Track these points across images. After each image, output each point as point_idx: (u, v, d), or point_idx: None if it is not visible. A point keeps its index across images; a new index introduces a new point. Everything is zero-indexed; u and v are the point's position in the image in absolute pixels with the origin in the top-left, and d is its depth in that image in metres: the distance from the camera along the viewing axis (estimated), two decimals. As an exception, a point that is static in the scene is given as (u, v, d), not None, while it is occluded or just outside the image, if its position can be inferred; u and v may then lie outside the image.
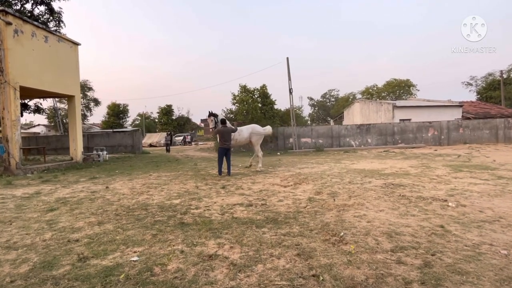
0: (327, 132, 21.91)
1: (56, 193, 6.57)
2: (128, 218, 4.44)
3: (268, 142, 21.47)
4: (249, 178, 8.19)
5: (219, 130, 9.05)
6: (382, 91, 49.82)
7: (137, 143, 22.38)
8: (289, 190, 6.34)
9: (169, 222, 4.20)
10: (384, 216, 4.29)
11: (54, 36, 12.35)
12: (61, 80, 12.72)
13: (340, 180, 7.29)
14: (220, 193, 6.27)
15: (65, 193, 6.59)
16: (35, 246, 3.43)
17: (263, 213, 4.60)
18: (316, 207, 4.86)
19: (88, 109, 37.30)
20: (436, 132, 21.65)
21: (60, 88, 12.74)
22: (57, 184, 7.91)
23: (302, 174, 8.60)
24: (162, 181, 7.96)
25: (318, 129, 22.40)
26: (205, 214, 4.61)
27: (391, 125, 22.11)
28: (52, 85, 12.23)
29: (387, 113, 26.83)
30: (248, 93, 24.02)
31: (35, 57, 11.29)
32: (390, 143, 21.63)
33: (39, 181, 8.50)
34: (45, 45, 11.78)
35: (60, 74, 12.65)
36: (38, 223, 4.32)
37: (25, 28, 10.83)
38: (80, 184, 7.76)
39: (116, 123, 42.69)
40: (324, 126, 25.80)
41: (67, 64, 13.12)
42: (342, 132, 21.95)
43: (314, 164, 11.52)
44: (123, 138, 22.52)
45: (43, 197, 6.16)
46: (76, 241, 3.55)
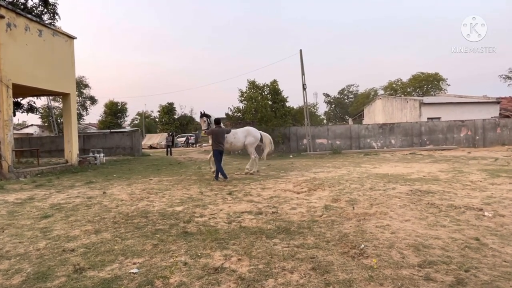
0: (345, 133, 21.74)
1: (50, 199, 6.73)
2: (127, 227, 4.51)
3: (279, 143, 21.46)
4: (258, 184, 8.21)
5: (213, 131, 9.17)
6: (408, 86, 49.11)
7: (137, 144, 22.71)
8: (303, 197, 6.32)
9: (171, 231, 4.24)
10: (410, 227, 4.23)
11: (48, 30, 12.69)
12: (56, 76, 13.05)
13: (360, 186, 7.23)
14: (226, 199, 6.30)
15: (59, 198, 6.74)
16: (28, 256, 3.53)
17: (274, 222, 4.59)
18: (333, 216, 4.83)
19: (84, 108, 38.06)
20: (470, 132, 21.18)
21: (55, 85, 13.07)
22: (51, 189, 8.10)
23: (317, 179, 8.57)
24: (164, 186, 8.05)
25: (335, 129, 22.24)
26: (210, 223, 4.63)
27: (418, 125, 21.78)
28: (47, 82, 12.56)
29: (413, 111, 26.43)
30: (257, 90, 24.04)
31: (29, 52, 11.62)
32: (416, 144, 21.29)
33: (33, 185, 8.72)
34: (39, 39, 12.12)
35: (55, 71, 12.99)
36: (32, 230, 4.44)
37: (18, 22, 11.17)
38: (75, 189, 7.93)
39: (113, 123, 43.43)
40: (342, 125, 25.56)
41: (62, 59, 13.45)
42: (362, 132, 21.74)
43: (331, 168, 11.46)
44: (122, 139, 22.89)
45: (37, 203, 6.32)
46: (71, 251, 3.62)
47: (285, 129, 21.86)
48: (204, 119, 9.65)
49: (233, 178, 9.38)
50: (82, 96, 37.17)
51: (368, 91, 55.04)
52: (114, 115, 45.11)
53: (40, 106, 31.26)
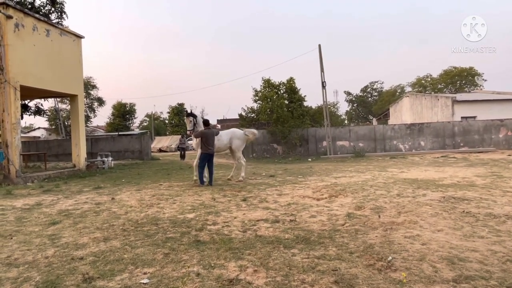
0: (368, 134, 21.45)
1: (58, 205, 6.96)
2: (137, 234, 4.60)
3: (296, 146, 21.39)
4: (274, 189, 8.22)
5: (203, 133, 9.19)
6: (438, 82, 47.96)
7: (146, 148, 23.16)
8: (323, 204, 6.29)
9: (182, 240, 4.30)
10: (443, 238, 4.13)
11: (56, 29, 13.18)
12: (64, 77, 13.52)
13: (386, 193, 7.14)
14: (241, 206, 6.33)
15: (67, 204, 6.96)
16: (37, 264, 3.66)
17: (292, 231, 4.58)
18: (357, 225, 4.77)
19: (91, 109, 39.16)
20: (510, 133, 20.45)
21: (63, 86, 13.54)
22: (59, 194, 8.38)
23: (338, 184, 8.51)
24: (174, 192, 8.18)
25: (358, 130, 21.98)
26: (224, 231, 4.66)
27: (450, 125, 21.24)
28: (54, 84, 13.02)
29: (444, 110, 25.79)
30: (273, 88, 24.07)
31: (36, 53, 12.10)
32: (449, 146, 20.75)
33: (40, 190, 9.05)
34: (46, 39, 12.59)
35: (63, 71, 13.45)
36: (40, 237, 4.60)
37: (26, 22, 11.66)
38: (83, 195, 8.17)
39: (122, 125, 44.48)
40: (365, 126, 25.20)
41: (70, 60, 13.92)
42: (388, 133, 21.40)
43: (353, 172, 11.35)
44: (130, 142, 23.41)
45: (45, 209, 6.55)
46: (80, 259, 3.73)
47: (303, 131, 21.78)
48: (190, 119, 9.65)
49: (248, 184, 9.41)
50: (90, 98, 38.25)
51: (394, 88, 54.08)
52: (122, 117, 46.20)
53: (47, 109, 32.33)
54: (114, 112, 46.53)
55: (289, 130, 21.13)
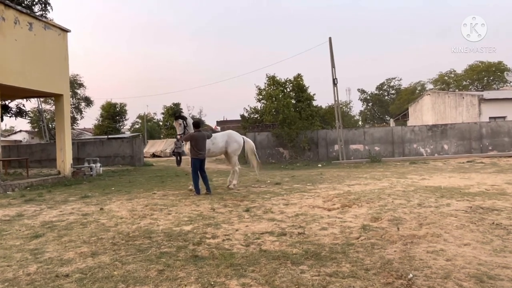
0: (385, 136, 21.40)
1: (41, 216, 6.99)
2: (128, 249, 4.61)
3: (305, 150, 21.37)
4: (280, 198, 8.21)
5: (193, 136, 9.22)
6: (463, 78, 47.82)
7: (138, 152, 23.26)
8: (336, 215, 6.27)
9: (178, 255, 4.30)
10: (470, 253, 4.10)
11: (39, 23, 13.33)
12: (48, 75, 13.65)
13: (406, 202, 7.11)
14: (243, 217, 6.32)
15: (51, 215, 6.99)
16: (18, 281, 3.67)
17: (300, 245, 4.56)
18: (373, 238, 4.75)
19: (78, 110, 39.44)
20: (545, 135, 20.26)
21: (47, 85, 13.66)
22: (42, 204, 8.41)
23: (352, 193, 8.48)
24: (169, 202, 8.18)
25: (373, 132, 21.94)
26: (225, 245, 4.66)
27: (477, 126, 21.13)
28: (38, 82, 13.15)
29: (470, 109, 25.68)
30: (278, 86, 24.15)
31: (18, 48, 12.23)
32: (476, 150, 20.62)
33: (21, 200, 9.09)
34: (29, 33, 12.74)
35: (47, 69, 13.59)
36: (21, 252, 4.62)
37: (7, 14, 11.80)
38: (69, 205, 8.20)
39: (111, 128, 44.75)
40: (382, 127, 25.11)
41: (55, 56, 14.06)
42: (407, 135, 21.34)
43: (369, 179, 11.31)
44: (121, 146, 23.52)
45: (26, 221, 6.57)
46: (65, 276, 3.74)
47: (312, 133, 21.78)
48: (180, 121, 9.66)
49: (251, 192, 9.40)
50: (76, 97, 38.53)
51: (414, 86, 53.99)
52: (112, 119, 46.49)
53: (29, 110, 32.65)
54: (103, 113, 46.83)
55: (296, 132, 21.13)
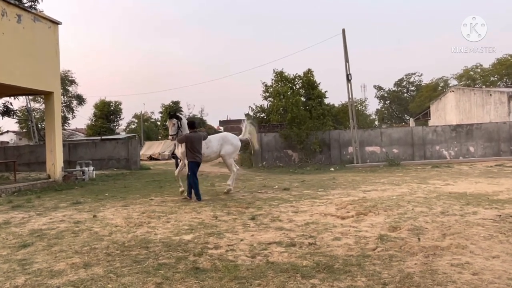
0: (404, 137, 21.28)
1: (30, 223, 7.06)
2: (123, 260, 4.63)
3: (316, 152, 21.32)
4: (289, 205, 8.20)
5: (189, 137, 9.24)
6: (491, 73, 47.30)
7: (134, 155, 23.41)
8: (350, 224, 6.26)
9: (178, 267, 4.31)
10: (499, 266, 4.06)
11: (29, 15, 13.48)
12: (37, 71, 13.80)
13: (428, 210, 7.08)
14: (248, 226, 6.32)
15: (41, 223, 7.05)
16: (4, 294, 3.71)
17: (311, 256, 4.56)
18: (392, 250, 4.73)
19: (69, 109, 39.82)
20: None
21: (36, 82, 13.81)
22: (30, 211, 8.49)
23: (368, 199, 8.46)
24: (168, 209, 8.21)
25: (391, 133, 21.83)
26: (228, 257, 4.66)
27: (507, 126, 20.92)
28: (26, 79, 13.29)
29: (499, 107, 25.42)
30: (287, 82, 24.15)
31: (6, 42, 12.38)
32: (505, 153, 20.41)
33: (9, 206, 9.19)
34: (18, 26, 12.89)
35: (36, 64, 13.73)
36: (8, 263, 4.67)
37: (-6, 6, 11.96)
38: (60, 212, 8.27)
39: (105, 128, 45.06)
40: (401, 128, 24.99)
41: (45, 50, 14.21)
42: (429, 136, 21.20)
43: (386, 184, 11.28)
44: (115, 148, 23.69)
45: (14, 229, 6.64)
46: (56, 290, 3.77)
47: (324, 134, 21.73)
48: (174, 121, 9.66)
49: (257, 198, 9.41)
50: (68, 95, 38.89)
51: (436, 82, 53.60)
52: (106, 118, 46.80)
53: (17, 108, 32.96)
54: (96, 112, 47.13)
55: (306, 133, 21.09)
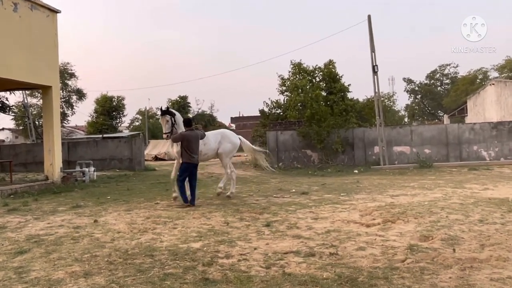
0: (438, 136, 20.99)
1: (26, 228, 7.20)
2: (126, 269, 4.69)
3: (338, 152, 21.20)
4: (308, 211, 8.18)
5: (185, 136, 9.26)
6: (537, 64, 46.17)
7: (138, 154, 23.63)
8: (376, 232, 6.21)
9: (186, 277, 4.34)
10: (546, 281, 3.96)
11: (25, 3, 13.74)
12: (35, 64, 14.06)
13: (464, 217, 7.00)
14: (263, 233, 6.32)
15: (38, 228, 7.19)
16: (0, 304, 3.80)
17: (332, 268, 4.54)
18: (423, 262, 4.68)
19: (69, 105, 40.48)
20: None
21: (33, 75, 14.08)
22: (27, 214, 8.66)
23: (396, 205, 8.39)
24: (175, 213, 8.28)
25: (423, 131, 21.56)
26: (241, 267, 4.67)
27: (555, 123, 20.37)
28: (23, 72, 13.57)
29: (546, 102, 24.82)
30: (306, 75, 24.08)
31: (1, 33, 12.66)
32: (553, 153, 19.89)
33: (4, 209, 9.39)
34: (14, 15, 13.16)
35: (34, 56, 14.00)
36: (4, 270, 4.78)
37: (-11, -7, 12.24)
38: (58, 216, 8.41)
39: (107, 125, 45.66)
40: (433, 125, 24.66)
41: (43, 41, 14.48)
42: (465, 135, 20.87)
43: (417, 189, 11.17)
44: (118, 147, 23.96)
45: (10, 234, 6.79)
46: (54, 300, 3.84)
47: (347, 132, 21.59)
48: (167, 118, 9.67)
49: (272, 203, 9.40)
50: (67, 89, 39.53)
51: (474, 74, 52.59)
52: (107, 115, 47.39)
53: (13, 104, 33.68)
54: (98, 108, 47.76)
55: (327, 131, 20.99)
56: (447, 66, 59.03)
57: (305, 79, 23.72)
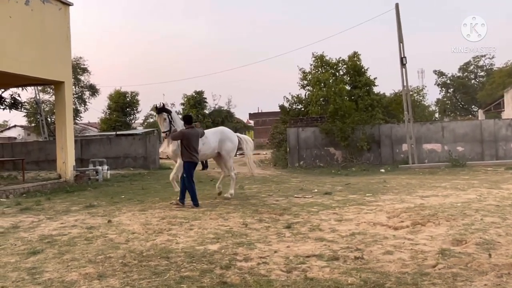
0: (472, 133, 20.60)
1: (39, 228, 7.40)
2: (141, 271, 4.76)
3: (363, 150, 21.02)
4: (331, 213, 8.15)
5: (185, 134, 9.26)
6: None
7: (152, 152, 23.91)
8: (404, 235, 6.16)
9: (203, 280, 4.38)
10: None
11: (37, -5, 14.04)
12: (47, 59, 14.37)
13: (501, 220, 6.88)
14: (283, 236, 6.32)
15: (51, 228, 7.37)
16: (13, 306, 3.90)
17: (357, 273, 4.51)
18: (456, 267, 4.61)
19: (81, 101, 41.21)
20: None
21: (46, 71, 14.39)
22: (40, 214, 8.90)
23: (426, 207, 8.31)
24: (191, 214, 8.36)
25: (455, 128, 21.19)
26: (260, 270, 4.68)
27: None
28: (35, 67, 13.88)
29: None
30: (328, 68, 23.91)
31: (13, 27, 12.97)
32: None
33: (17, 209, 9.67)
34: (25, 9, 13.46)
35: (46, 51, 14.30)
36: (17, 271, 4.91)
37: (0, -14, 12.54)
38: (71, 215, 8.61)
39: (120, 122, 46.30)
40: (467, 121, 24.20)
41: (55, 35, 14.77)
42: (502, 132, 20.44)
43: (449, 189, 11.03)
44: (132, 145, 24.30)
45: (23, 234, 6.98)
46: (68, 302, 3.93)
47: (373, 128, 21.38)
48: (164, 116, 9.69)
49: (293, 204, 9.39)
50: (79, 85, 40.23)
51: (511, 66, 51.37)
52: (121, 111, 48.02)
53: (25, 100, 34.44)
54: (111, 104, 48.43)
55: (352, 127, 20.81)
56: (482, 57, 57.58)
57: (327, 72, 23.56)
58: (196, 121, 16.55)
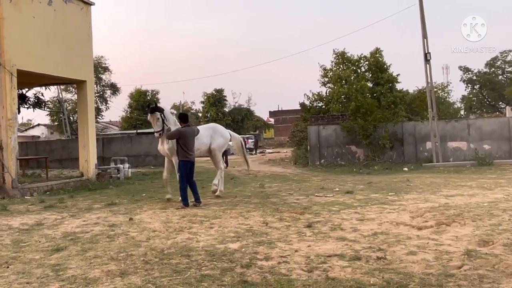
0: (499, 130, 20.20)
1: (62, 226, 7.58)
2: (163, 269, 4.82)
3: (385, 148, 20.82)
4: (353, 212, 8.11)
5: (182, 132, 9.26)
6: None
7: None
8: (428, 235, 6.08)
9: (223, 279, 4.41)
10: None
11: (60, -5, 14.34)
12: (70, 59, 14.67)
13: (529, 221, 6.71)
14: (304, 235, 6.32)
15: (74, 225, 7.54)
16: (38, 302, 4.01)
17: (380, 273, 4.47)
18: (482, 269, 4.53)
19: (103, 99, 41.95)
20: None
21: (69, 70, 14.71)
22: (63, 212, 9.11)
23: (451, 206, 8.20)
24: (211, 212, 8.42)
25: (482, 125, 20.80)
26: (281, 270, 4.69)
27: None
28: (58, 67, 14.19)
29: None
30: (350, 65, 23.74)
31: (36, 27, 13.28)
32: None
33: (41, 206, 9.92)
34: (48, 9, 13.77)
35: (69, 51, 14.60)
36: (42, 268, 5.04)
37: (23, -14, 12.86)
38: (93, 213, 8.79)
39: (141, 121, 46.88)
40: (494, 118, 23.71)
41: (77, 35, 15.08)
42: (531, 129, 19.87)
43: (475, 189, 10.87)
44: (152, 143, 24.50)
45: (47, 231, 7.16)
46: (91, 299, 4.01)
47: (396, 126, 21.13)
48: (157, 115, 9.67)
49: (314, 203, 9.37)
50: (101, 84, 40.96)
51: (541, 60, 50.01)
52: (142, 109, 48.65)
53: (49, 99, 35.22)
54: (131, 103, 49.24)
55: (374, 125, 20.62)
56: (510, 52, 56.35)
57: (349, 69, 23.40)
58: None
